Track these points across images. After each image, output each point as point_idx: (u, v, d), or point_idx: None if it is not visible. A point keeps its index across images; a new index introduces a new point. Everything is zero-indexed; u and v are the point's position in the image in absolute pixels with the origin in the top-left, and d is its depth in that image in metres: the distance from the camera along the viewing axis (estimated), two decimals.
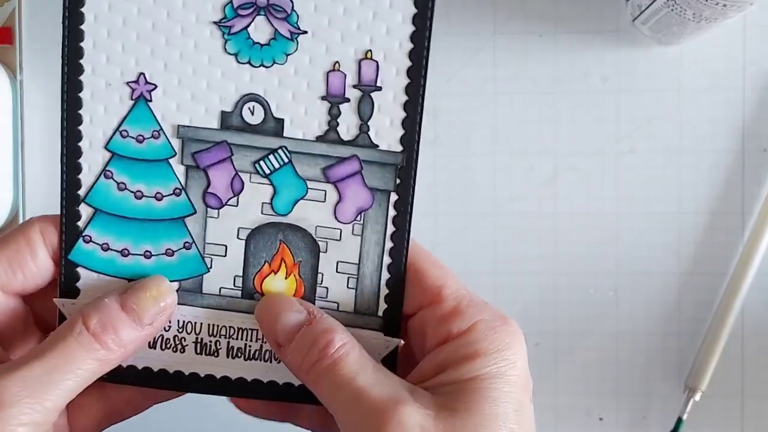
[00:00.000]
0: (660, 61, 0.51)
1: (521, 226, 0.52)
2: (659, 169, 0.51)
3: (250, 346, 0.35)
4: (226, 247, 0.35)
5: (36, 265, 0.34)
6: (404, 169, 0.34)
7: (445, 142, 0.51)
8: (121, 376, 0.36)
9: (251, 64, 0.33)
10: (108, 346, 0.32)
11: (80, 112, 0.34)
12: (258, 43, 0.33)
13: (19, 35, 0.52)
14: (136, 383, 0.36)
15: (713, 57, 0.51)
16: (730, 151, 0.51)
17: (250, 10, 0.33)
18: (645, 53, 0.51)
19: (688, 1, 0.42)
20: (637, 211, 0.51)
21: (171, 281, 0.35)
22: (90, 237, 0.35)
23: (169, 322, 0.35)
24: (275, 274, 0.35)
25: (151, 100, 0.34)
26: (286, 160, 0.34)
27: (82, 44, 0.34)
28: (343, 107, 0.33)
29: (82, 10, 0.33)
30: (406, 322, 0.35)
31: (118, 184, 0.35)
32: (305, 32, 0.33)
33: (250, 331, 0.35)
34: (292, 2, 0.33)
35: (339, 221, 0.34)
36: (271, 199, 0.34)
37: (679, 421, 0.50)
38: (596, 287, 0.52)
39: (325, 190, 0.34)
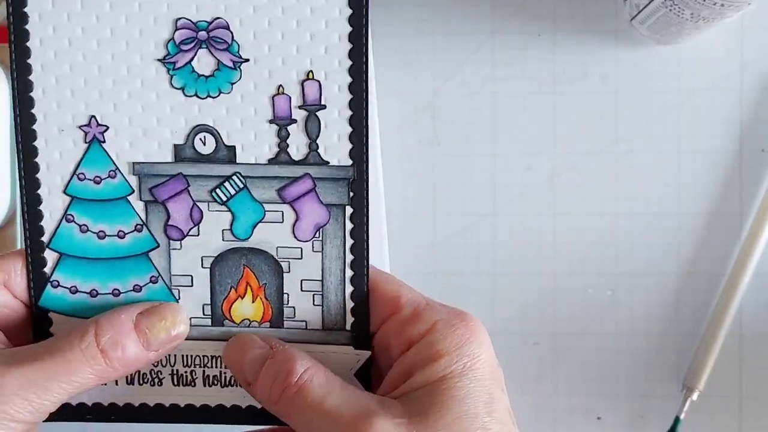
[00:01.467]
0: (659, 61, 0.51)
1: (520, 227, 0.52)
2: (658, 169, 0.51)
3: (225, 374, 0.36)
4: (191, 277, 0.35)
5: None
6: (356, 182, 0.34)
7: (444, 142, 0.51)
8: (103, 413, 0.36)
9: (198, 96, 0.34)
10: (112, 363, 0.33)
11: (36, 160, 0.35)
12: (203, 75, 0.34)
13: None
14: (119, 420, 0.36)
15: (711, 57, 0.51)
16: (728, 152, 0.51)
17: (192, 44, 0.34)
18: (644, 53, 0.51)
19: (686, 1, 0.42)
20: (636, 211, 0.51)
21: None
22: (58, 281, 0.35)
23: None
24: (242, 299, 0.36)
25: (104, 141, 0.35)
26: (241, 185, 0.35)
27: (32, 94, 0.34)
28: (291, 128, 0.34)
29: (29, 61, 0.34)
30: (372, 340, 0.36)
31: (80, 226, 0.35)
32: (247, 60, 0.34)
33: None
34: (231, 33, 0.34)
35: (298, 240, 0.35)
36: (231, 225, 0.35)
37: (677, 420, 0.50)
38: (595, 288, 0.52)
39: (282, 211, 0.35)
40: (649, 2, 0.45)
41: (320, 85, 0.34)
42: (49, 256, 0.35)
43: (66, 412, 0.36)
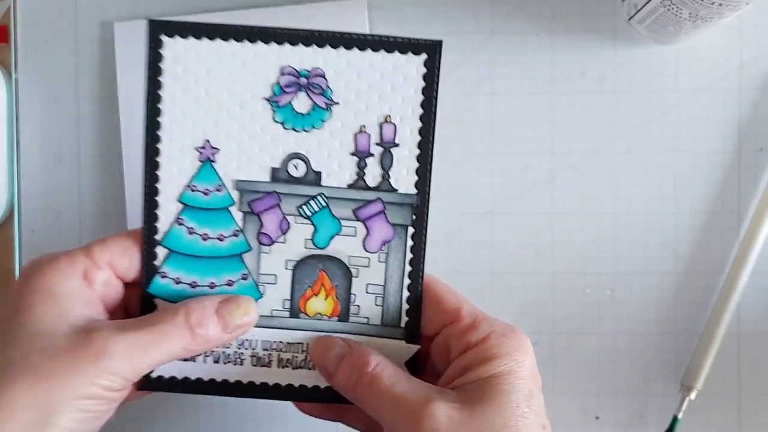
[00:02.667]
0: (657, 61, 0.51)
1: (518, 226, 0.52)
2: (656, 168, 0.51)
3: (296, 357, 0.43)
4: (276, 276, 0.43)
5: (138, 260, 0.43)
6: (419, 207, 0.43)
7: (442, 142, 0.49)
8: (190, 386, 0.43)
9: (294, 130, 0.42)
10: (196, 338, 0.40)
11: (158, 173, 0.43)
12: (300, 113, 0.42)
13: (14, 34, 0.53)
14: (206, 393, 0.43)
15: (710, 57, 0.51)
16: (727, 151, 0.51)
17: (294, 88, 0.42)
18: (642, 53, 0.51)
19: (684, 1, 0.43)
20: (634, 210, 0.51)
21: None
22: (165, 273, 0.43)
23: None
24: (316, 296, 0.43)
25: (215, 162, 0.43)
26: (323, 204, 0.43)
27: (159, 119, 0.42)
28: (369, 161, 0.42)
29: (161, 93, 0.42)
30: (431, 341, 0.43)
31: (188, 229, 0.43)
32: (337, 103, 0.42)
33: (296, 345, 0.43)
34: (326, 80, 0.42)
35: (367, 251, 0.43)
36: (312, 236, 0.43)
37: (675, 419, 0.50)
38: (593, 287, 0.52)
39: (355, 227, 0.43)
40: (647, 2, 0.45)
41: (395, 128, 0.42)
42: (161, 251, 0.43)
43: (159, 383, 0.43)
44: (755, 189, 0.51)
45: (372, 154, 0.42)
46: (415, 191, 0.42)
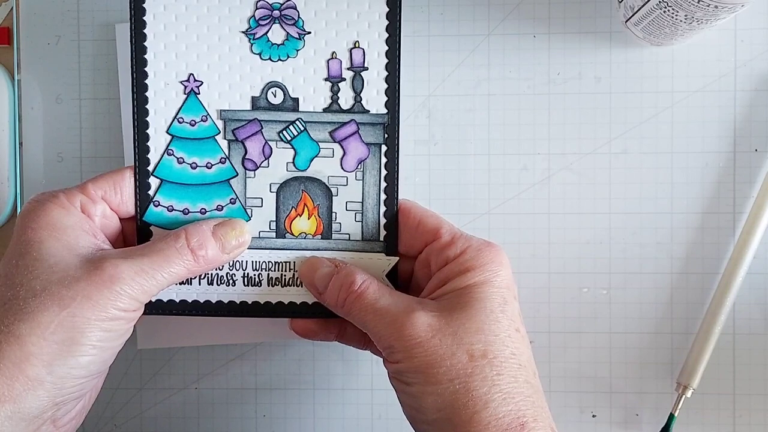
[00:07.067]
0: (652, 63, 0.51)
1: (515, 226, 0.52)
2: (651, 169, 0.52)
3: (285, 276, 0.46)
4: (262, 199, 0.46)
5: (132, 192, 0.45)
6: (390, 125, 0.45)
7: (440, 143, 0.52)
8: (187, 308, 0.46)
9: (271, 60, 0.45)
10: (198, 260, 0.43)
11: (147, 107, 0.46)
12: (275, 43, 0.45)
13: (16, 35, 0.53)
14: (203, 314, 0.46)
15: (705, 59, 0.51)
16: (722, 152, 0.51)
17: (268, 20, 0.45)
18: (637, 54, 0.51)
19: (680, 3, 0.43)
20: (630, 211, 0.52)
21: None
22: (158, 202, 0.46)
23: None
24: (300, 216, 0.46)
25: (199, 93, 0.46)
26: (302, 128, 0.46)
27: (145, 56, 0.45)
28: (341, 85, 0.45)
29: (145, 31, 0.45)
30: (415, 260, 0.46)
31: (177, 159, 0.46)
32: (309, 32, 0.45)
33: (284, 264, 0.46)
34: (298, 11, 0.45)
35: (345, 170, 0.46)
36: (293, 159, 0.46)
37: (671, 417, 0.51)
38: (589, 287, 0.52)
39: (333, 148, 0.46)
40: (644, 4, 0.46)
41: (364, 52, 0.45)
42: (153, 181, 0.46)
43: (159, 307, 0.46)
44: (750, 190, 0.51)
45: (344, 79, 0.45)
46: (385, 111, 0.45)
